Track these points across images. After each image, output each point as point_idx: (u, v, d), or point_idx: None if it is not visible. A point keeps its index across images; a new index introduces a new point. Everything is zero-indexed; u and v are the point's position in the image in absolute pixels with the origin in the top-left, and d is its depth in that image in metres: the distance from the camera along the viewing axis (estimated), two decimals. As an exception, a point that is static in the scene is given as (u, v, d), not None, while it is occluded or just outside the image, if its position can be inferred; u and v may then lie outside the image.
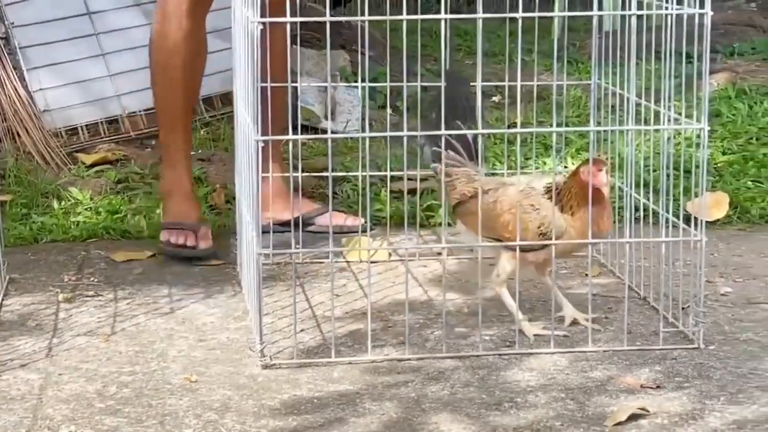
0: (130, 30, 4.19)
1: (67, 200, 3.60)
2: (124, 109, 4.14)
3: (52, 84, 4.06)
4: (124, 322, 2.76)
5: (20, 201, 3.59)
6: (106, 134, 4.11)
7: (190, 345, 2.62)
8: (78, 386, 2.40)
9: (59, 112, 4.06)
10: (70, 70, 4.09)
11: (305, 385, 2.40)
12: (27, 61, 4.04)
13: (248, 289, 2.78)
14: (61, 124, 4.05)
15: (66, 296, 2.93)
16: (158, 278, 3.07)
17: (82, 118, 4.09)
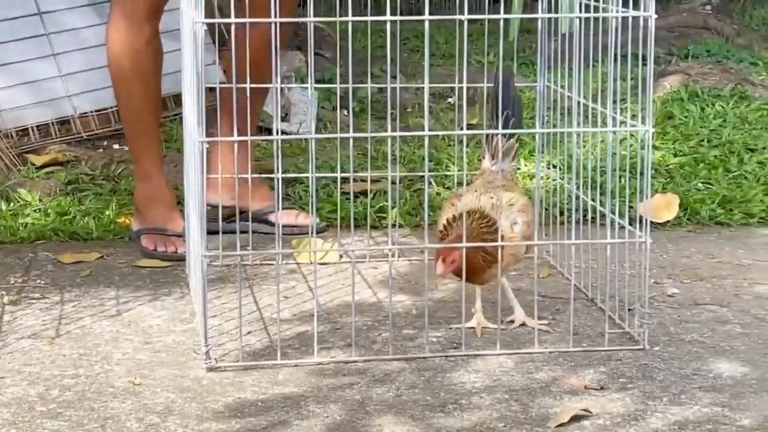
0: (81, 30, 4.16)
1: (15, 202, 3.57)
2: (76, 109, 4.11)
3: (2, 84, 4.02)
4: (69, 325, 2.74)
5: (-35, 203, 3.57)
6: (57, 135, 4.08)
7: (136, 348, 2.60)
8: (20, 390, 2.37)
9: (9, 112, 4.02)
10: (21, 71, 4.06)
11: (250, 388, 2.39)
12: (-25, 62, 4.01)
13: (195, 291, 2.76)
14: (11, 125, 4.01)
15: (11, 298, 2.90)
16: (106, 280, 3.05)
17: (33, 118, 4.06)
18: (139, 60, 3.14)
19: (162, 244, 3.20)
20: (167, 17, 4.19)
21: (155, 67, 3.19)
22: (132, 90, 3.19)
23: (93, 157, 4.00)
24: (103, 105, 4.14)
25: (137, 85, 3.18)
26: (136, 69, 3.15)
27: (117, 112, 4.14)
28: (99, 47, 4.13)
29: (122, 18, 3.15)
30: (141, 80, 3.16)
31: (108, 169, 3.87)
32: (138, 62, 3.14)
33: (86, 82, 4.11)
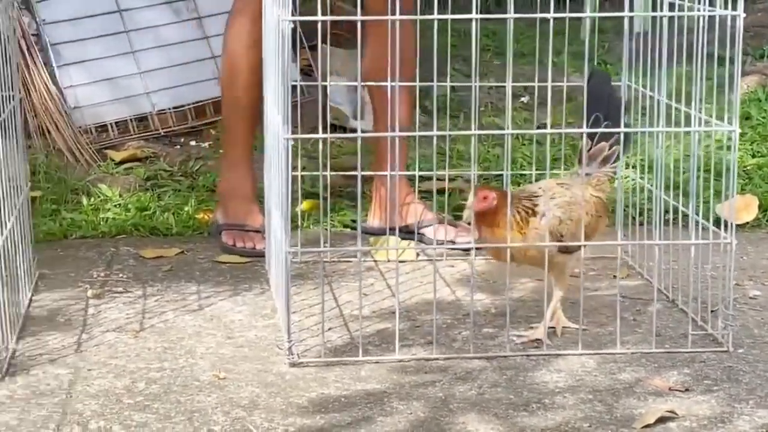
0: (160, 28, 4.21)
1: (96, 197, 3.62)
2: (154, 106, 4.15)
3: (82, 81, 4.08)
4: (152, 319, 2.77)
5: (50, 197, 3.61)
6: (135, 131, 4.13)
7: (218, 342, 2.62)
8: (107, 382, 2.41)
9: (89, 109, 4.08)
10: (101, 67, 4.11)
11: (333, 384, 2.40)
12: (58, 58, 4.06)
13: (276, 287, 2.78)
14: (90, 121, 4.07)
15: (95, 292, 2.94)
16: (186, 275, 3.08)
17: (112, 115, 4.11)
18: (254, 53, 3.16)
19: (241, 240, 3.23)
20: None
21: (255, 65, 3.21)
22: (243, 82, 3.22)
23: (171, 153, 4.04)
24: (180, 102, 4.18)
25: (250, 77, 3.20)
26: (251, 61, 3.18)
27: (193, 109, 4.19)
28: (177, 44, 4.21)
29: (242, 11, 3.19)
30: (253, 73, 3.18)
31: (186, 165, 3.91)
32: (253, 55, 3.16)
33: (164, 79, 4.16)
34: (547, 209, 2.55)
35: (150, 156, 3.99)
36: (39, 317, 2.78)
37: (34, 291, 2.94)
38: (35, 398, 2.32)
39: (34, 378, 2.42)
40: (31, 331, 2.68)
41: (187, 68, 4.21)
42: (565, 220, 2.56)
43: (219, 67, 3.26)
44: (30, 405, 2.29)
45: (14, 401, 2.31)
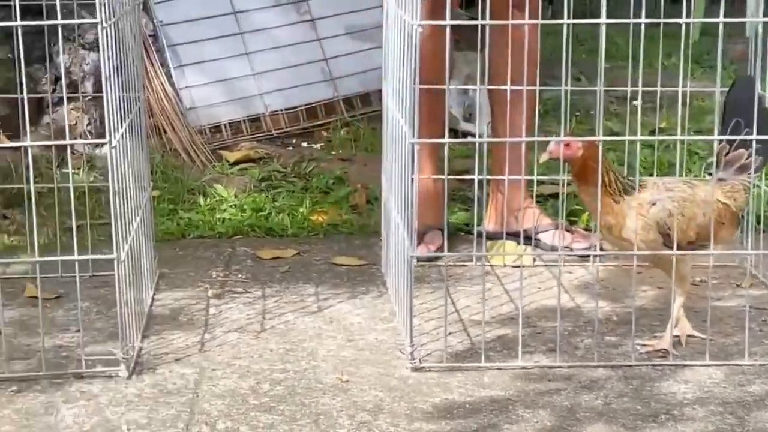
0: (273, 29, 4.24)
1: (212, 197, 3.65)
2: (267, 107, 4.18)
3: (197, 82, 4.13)
4: (273, 320, 2.78)
5: (167, 197, 3.65)
6: (248, 132, 4.17)
7: (339, 345, 2.63)
8: (232, 382, 2.42)
9: (204, 109, 4.12)
10: (216, 69, 4.15)
11: (456, 390, 2.39)
12: (174, 59, 4.11)
13: (395, 290, 2.78)
14: (205, 122, 4.11)
15: (215, 292, 2.96)
16: (304, 277, 3.09)
17: (226, 116, 4.15)
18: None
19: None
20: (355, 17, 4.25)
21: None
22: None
23: (284, 154, 4.06)
24: (293, 104, 4.21)
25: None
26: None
27: (305, 110, 4.22)
28: (291, 46, 4.23)
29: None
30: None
31: (299, 166, 3.93)
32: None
33: (278, 80, 4.19)
34: (659, 199, 2.50)
35: (263, 157, 4.02)
36: (162, 316, 2.81)
37: (155, 290, 2.97)
38: (163, 397, 2.35)
39: (160, 377, 2.45)
40: (155, 330, 2.72)
41: (299, 70, 4.23)
42: (675, 214, 2.49)
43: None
44: (158, 404, 2.32)
45: (143, 399, 2.34)
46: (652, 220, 2.48)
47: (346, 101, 4.28)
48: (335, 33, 4.29)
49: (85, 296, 2.93)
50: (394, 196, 2.80)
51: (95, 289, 2.96)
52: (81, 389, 2.38)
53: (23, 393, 2.36)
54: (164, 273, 3.10)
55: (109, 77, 2.40)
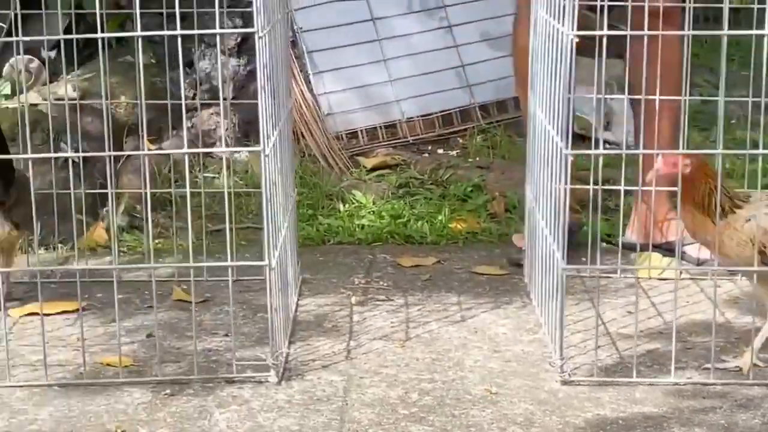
0: (411, 36, 4.24)
1: (351, 203, 3.67)
2: (403, 114, 4.18)
3: (335, 88, 4.14)
4: (417, 329, 2.78)
5: (306, 202, 3.68)
6: (383, 138, 4.17)
7: (485, 356, 2.61)
8: (380, 391, 2.42)
9: (341, 115, 4.14)
10: (353, 75, 4.16)
11: (608, 405, 2.35)
12: (313, 65, 4.13)
13: (541, 302, 2.75)
14: (342, 128, 4.13)
15: (358, 299, 2.97)
16: (446, 285, 3.08)
17: (363, 122, 4.16)
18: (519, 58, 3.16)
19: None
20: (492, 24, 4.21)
21: None
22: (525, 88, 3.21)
23: (420, 161, 4.06)
24: (428, 110, 4.20)
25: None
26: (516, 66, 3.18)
27: (441, 117, 4.21)
28: (427, 53, 4.22)
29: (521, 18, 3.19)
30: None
31: (436, 173, 3.92)
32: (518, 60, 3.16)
33: (414, 87, 4.19)
34: (755, 215, 2.43)
35: (400, 163, 4.02)
36: (307, 322, 2.83)
37: (299, 295, 2.99)
38: (313, 404, 2.36)
39: (309, 383, 2.46)
40: (301, 336, 2.73)
41: (436, 76, 4.22)
42: None
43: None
44: (309, 410, 2.33)
45: (293, 406, 2.35)
46: (745, 236, 2.42)
47: (482, 108, 4.26)
48: (472, 40, 4.27)
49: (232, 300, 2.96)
50: (540, 207, 2.77)
51: (240, 294, 2.99)
52: (232, 394, 2.40)
53: (176, 396, 2.40)
54: (306, 279, 3.12)
55: (263, 85, 2.42)
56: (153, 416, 2.30)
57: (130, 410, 2.32)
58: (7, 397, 2.39)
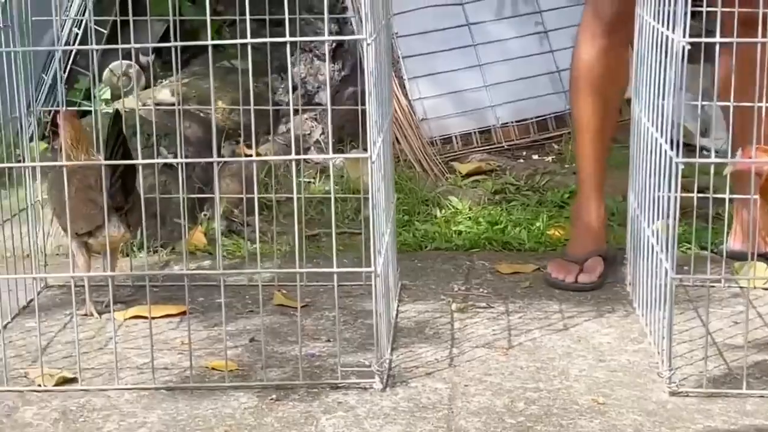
0: (506, 41, 4.22)
1: (447, 209, 3.66)
2: (498, 119, 4.17)
3: (430, 93, 4.14)
4: (519, 336, 2.76)
5: (401, 207, 3.68)
6: (478, 144, 4.16)
7: (590, 365, 2.58)
8: (485, 399, 2.41)
9: (436, 121, 4.14)
10: (448, 80, 4.16)
11: (718, 417, 2.31)
12: (408, 71, 4.13)
13: (646, 311, 2.72)
14: (437, 133, 4.13)
15: (459, 306, 2.96)
16: (546, 293, 3.05)
17: (457, 127, 4.16)
18: (588, 71, 3.09)
19: (556, 269, 3.11)
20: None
21: (603, 82, 3.12)
22: (578, 99, 3.15)
23: (515, 167, 4.04)
24: (524, 116, 4.19)
25: (584, 95, 3.13)
26: (585, 80, 3.11)
27: (536, 123, 4.19)
28: (523, 58, 4.21)
29: (584, 28, 3.11)
30: (589, 92, 3.11)
31: (532, 179, 3.90)
32: (587, 73, 3.10)
33: (509, 92, 4.17)
34: None
35: (495, 169, 4.01)
36: (408, 328, 2.82)
37: (399, 301, 2.99)
38: (419, 411, 2.35)
39: (414, 390, 2.45)
40: (403, 343, 2.73)
41: (531, 82, 4.21)
42: None
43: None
44: (415, 418, 2.32)
45: (398, 413, 2.35)
46: None
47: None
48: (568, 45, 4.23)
49: (331, 306, 2.98)
50: (646, 215, 2.74)
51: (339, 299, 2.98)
52: (338, 400, 2.41)
53: (282, 401, 2.41)
54: (405, 285, 3.12)
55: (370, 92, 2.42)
56: (260, 421, 2.31)
57: (237, 414, 2.34)
58: (115, 400, 2.42)
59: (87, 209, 2.73)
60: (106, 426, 2.29)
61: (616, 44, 3.07)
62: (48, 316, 2.88)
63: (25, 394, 2.44)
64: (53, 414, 2.35)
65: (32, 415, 2.34)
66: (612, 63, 3.09)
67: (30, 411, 2.36)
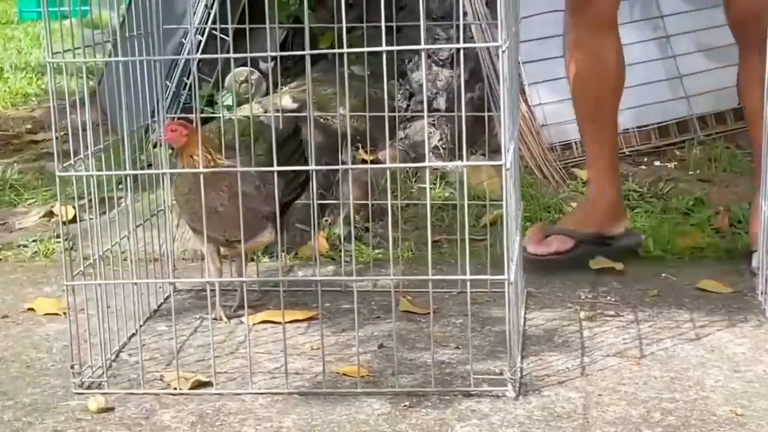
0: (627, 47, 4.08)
1: (567, 215, 3.63)
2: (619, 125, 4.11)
3: (549, 99, 4.12)
4: (650, 346, 2.73)
5: (524, 214, 3.66)
6: (598, 150, 4.11)
7: (726, 375, 2.54)
8: (621, 409, 2.39)
9: (555, 126, 4.11)
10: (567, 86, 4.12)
11: None
12: (528, 76, 4.12)
13: (782, 321, 2.67)
14: (556, 139, 4.10)
15: (587, 314, 2.94)
16: (675, 301, 3.02)
17: (577, 134, 4.11)
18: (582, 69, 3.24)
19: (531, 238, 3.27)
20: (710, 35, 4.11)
21: (595, 80, 3.23)
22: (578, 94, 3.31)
23: (637, 173, 4.00)
24: (645, 122, 4.14)
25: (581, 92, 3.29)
26: (579, 78, 3.26)
27: (657, 129, 4.14)
28: (644, 63, 4.16)
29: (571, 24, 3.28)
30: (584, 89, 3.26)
31: (656, 186, 3.85)
32: (581, 72, 3.25)
33: (630, 98, 4.09)
34: None
35: (618, 176, 3.96)
36: (536, 336, 2.81)
37: (525, 308, 2.98)
38: (553, 420, 2.34)
39: (547, 399, 2.44)
40: (533, 351, 2.72)
41: (652, 87, 4.16)
42: None
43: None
44: (550, 427, 2.31)
45: (533, 422, 2.34)
46: None
47: (700, 119, 4.18)
48: (689, 50, 4.19)
49: (457, 313, 2.98)
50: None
51: (464, 306, 2.99)
52: (471, 407, 2.41)
53: (415, 408, 2.41)
54: (531, 292, 3.11)
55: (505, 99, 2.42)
56: (395, 428, 2.32)
57: (371, 421, 2.35)
58: (250, 404, 2.45)
59: (247, 217, 2.69)
60: (243, 429, 2.32)
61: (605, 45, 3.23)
62: (178, 320, 2.92)
63: (162, 397, 2.49)
64: (190, 417, 2.38)
65: (170, 418, 2.38)
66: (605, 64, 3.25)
67: (167, 414, 2.40)
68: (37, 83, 6.43)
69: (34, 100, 5.99)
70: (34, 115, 5.55)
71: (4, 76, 6.69)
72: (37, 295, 3.20)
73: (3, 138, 5.12)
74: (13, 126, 5.35)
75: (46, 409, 2.44)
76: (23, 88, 6.30)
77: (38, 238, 3.72)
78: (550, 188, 3.87)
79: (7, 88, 6.30)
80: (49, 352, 2.79)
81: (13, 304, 3.15)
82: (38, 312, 3.06)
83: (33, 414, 2.42)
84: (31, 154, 4.77)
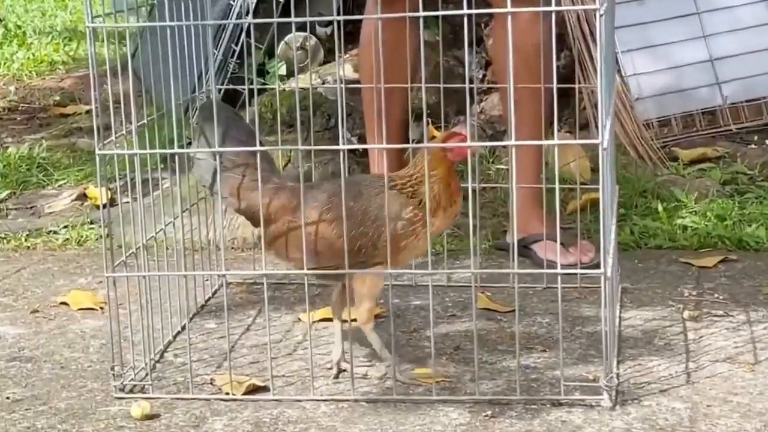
0: (735, 9, 4.14)
1: (668, 201, 3.61)
2: (725, 98, 4.09)
3: (646, 69, 4.10)
4: (766, 350, 2.71)
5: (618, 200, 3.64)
6: (701, 127, 4.10)
7: None
8: (733, 422, 2.37)
9: (652, 100, 4.09)
10: (667, 54, 4.11)
11: None
12: (622, 43, 4.09)
13: None
14: (654, 115, 4.08)
15: (691, 314, 2.92)
16: (792, 300, 3.00)
17: (677, 107, 4.10)
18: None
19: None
20: None
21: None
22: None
23: (747, 153, 3.97)
24: (755, 95, 4.11)
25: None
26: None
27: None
28: (754, 28, 4.12)
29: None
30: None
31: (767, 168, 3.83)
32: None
33: (738, 67, 4.09)
34: None
35: (723, 156, 3.94)
36: (634, 338, 2.80)
37: (621, 307, 2.97)
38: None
39: (648, 410, 2.43)
40: (630, 354, 2.70)
41: (763, 56, 4.12)
42: None
43: None
44: (651, 442, 2.31)
45: (633, 435, 2.33)
46: None
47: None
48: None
49: (542, 311, 2.98)
50: None
51: (551, 303, 2.99)
52: (561, 418, 2.40)
53: (498, 418, 2.41)
54: (626, 288, 3.09)
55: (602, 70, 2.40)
56: (475, 440, 2.32)
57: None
58: (311, 412, 2.46)
59: None
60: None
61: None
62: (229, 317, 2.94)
63: (213, 403, 2.51)
64: (245, 426, 2.40)
65: (222, 426, 2.40)
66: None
67: (220, 422, 2.42)
68: (64, 49, 6.50)
69: (62, 68, 6.05)
70: (63, 86, 5.61)
71: (27, 42, 6.77)
72: (69, 287, 3.24)
73: (28, 111, 5.18)
74: (40, 98, 5.41)
75: (83, 415, 2.47)
76: (49, 55, 6.37)
77: (70, 223, 3.76)
78: (646, 170, 3.84)
79: (31, 55, 6.37)
80: (86, 351, 2.82)
81: (44, 297, 3.19)
82: (72, 306, 3.09)
83: (69, 420, 2.45)
84: (60, 129, 4.83)
